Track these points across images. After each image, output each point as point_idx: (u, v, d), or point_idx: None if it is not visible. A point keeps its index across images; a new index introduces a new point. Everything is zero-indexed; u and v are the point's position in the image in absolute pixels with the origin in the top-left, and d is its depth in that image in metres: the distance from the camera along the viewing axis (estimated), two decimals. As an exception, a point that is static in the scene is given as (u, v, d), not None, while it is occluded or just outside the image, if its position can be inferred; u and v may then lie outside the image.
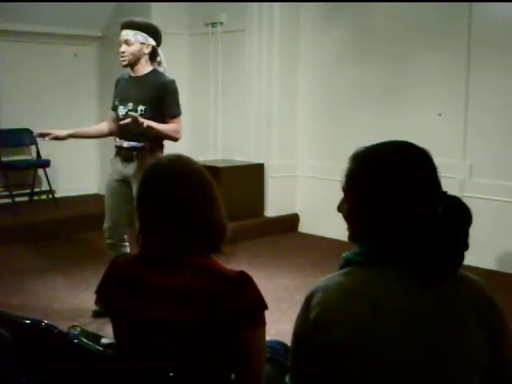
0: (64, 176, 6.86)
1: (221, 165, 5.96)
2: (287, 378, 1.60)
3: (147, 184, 1.75)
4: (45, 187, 6.67)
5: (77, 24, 6.47)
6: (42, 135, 3.86)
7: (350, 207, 1.47)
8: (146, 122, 3.55)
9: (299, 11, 6.13)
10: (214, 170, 1.82)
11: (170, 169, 1.73)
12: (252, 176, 6.17)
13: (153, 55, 3.81)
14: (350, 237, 1.50)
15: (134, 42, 3.72)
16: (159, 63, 3.85)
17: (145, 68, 3.80)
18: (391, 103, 5.56)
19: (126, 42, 3.72)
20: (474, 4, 4.97)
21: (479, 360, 1.36)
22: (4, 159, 6.36)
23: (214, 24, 6.51)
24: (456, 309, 1.37)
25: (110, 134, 4.00)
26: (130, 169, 3.78)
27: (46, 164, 6.49)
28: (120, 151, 3.83)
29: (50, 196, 6.61)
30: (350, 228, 1.49)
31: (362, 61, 5.73)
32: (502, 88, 4.90)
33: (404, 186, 1.40)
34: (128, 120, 3.56)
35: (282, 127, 6.21)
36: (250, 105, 6.26)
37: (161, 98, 3.71)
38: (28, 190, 6.66)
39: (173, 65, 6.66)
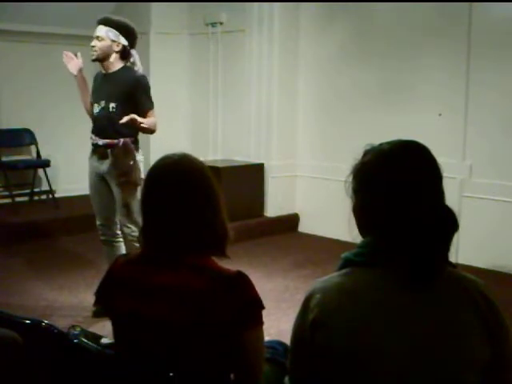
0: (64, 176, 6.85)
1: (221, 165, 5.95)
2: (286, 379, 1.60)
3: (151, 183, 1.73)
4: (45, 187, 6.67)
5: (77, 24, 6.45)
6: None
7: (356, 203, 1.48)
8: (140, 120, 3.59)
9: (299, 11, 6.13)
10: (214, 170, 1.81)
11: (174, 169, 1.71)
12: (252, 176, 6.16)
13: (124, 55, 3.81)
14: (359, 232, 1.50)
15: (105, 37, 3.75)
16: (132, 64, 3.85)
17: (115, 65, 3.81)
18: (391, 103, 5.56)
19: (98, 38, 3.75)
20: (474, 4, 4.97)
21: (479, 359, 1.36)
22: (4, 159, 6.36)
23: (213, 24, 6.51)
24: (455, 309, 1.37)
25: (88, 113, 3.99)
26: (104, 166, 3.82)
27: (46, 164, 6.50)
28: (96, 149, 3.87)
29: (50, 196, 6.61)
30: (356, 224, 1.49)
31: (362, 61, 5.73)
32: (501, 88, 4.90)
33: (411, 185, 1.40)
34: (126, 119, 3.58)
35: (282, 127, 6.21)
36: (249, 105, 6.26)
37: (133, 94, 3.72)
38: (28, 190, 6.66)
39: (173, 65, 6.76)
